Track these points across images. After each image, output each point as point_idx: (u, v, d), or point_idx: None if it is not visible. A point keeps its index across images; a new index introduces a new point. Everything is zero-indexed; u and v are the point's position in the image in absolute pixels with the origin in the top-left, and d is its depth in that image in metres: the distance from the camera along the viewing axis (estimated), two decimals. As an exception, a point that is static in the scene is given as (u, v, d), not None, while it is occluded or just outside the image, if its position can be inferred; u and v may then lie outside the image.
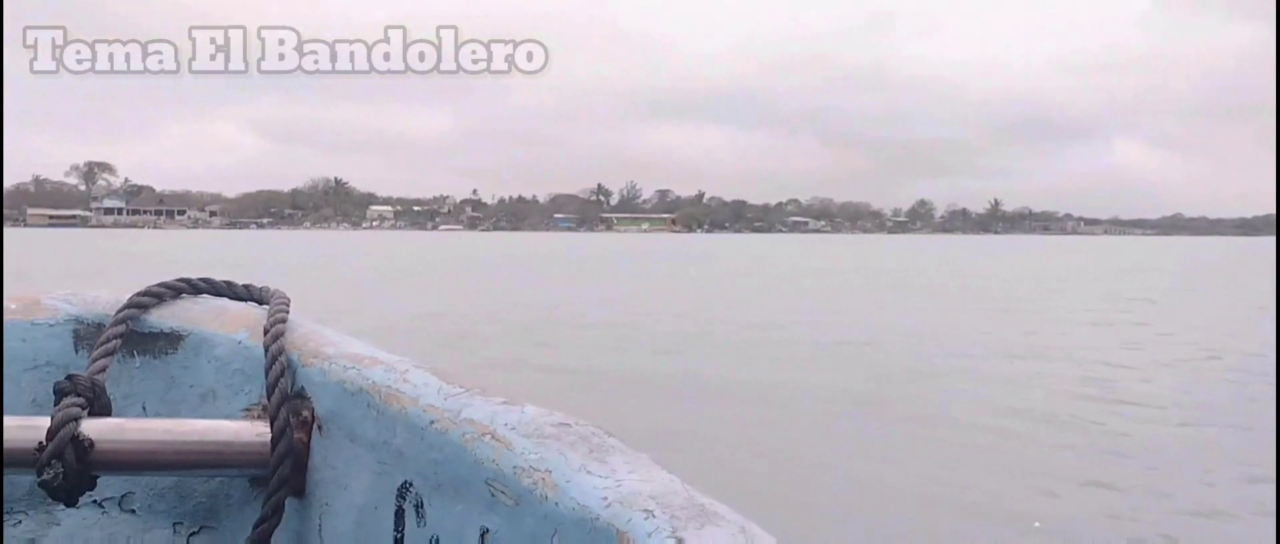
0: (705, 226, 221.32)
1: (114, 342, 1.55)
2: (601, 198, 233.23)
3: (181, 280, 1.71)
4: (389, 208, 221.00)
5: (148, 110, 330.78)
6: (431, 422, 1.20)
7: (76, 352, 1.64)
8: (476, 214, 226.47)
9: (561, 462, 1.03)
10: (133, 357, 1.62)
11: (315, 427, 1.42)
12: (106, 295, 1.71)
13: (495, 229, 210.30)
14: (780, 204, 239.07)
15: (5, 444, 1.35)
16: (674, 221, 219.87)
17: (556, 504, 0.99)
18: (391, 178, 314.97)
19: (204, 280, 1.72)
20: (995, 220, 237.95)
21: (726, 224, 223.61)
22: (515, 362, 11.84)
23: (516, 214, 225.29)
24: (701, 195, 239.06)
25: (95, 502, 1.60)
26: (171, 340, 1.62)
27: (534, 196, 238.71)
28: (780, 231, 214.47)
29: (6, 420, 1.39)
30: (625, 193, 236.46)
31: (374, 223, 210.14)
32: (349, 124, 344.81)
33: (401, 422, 1.25)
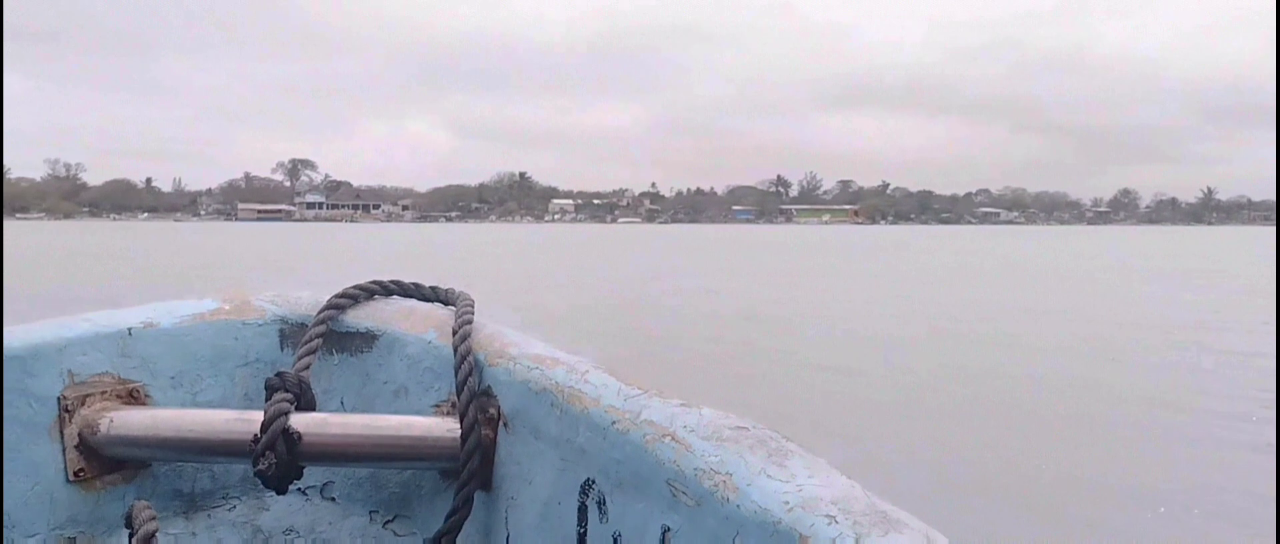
0: (889, 218, 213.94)
1: (316, 341, 1.66)
2: (781, 189, 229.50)
3: (374, 282, 1.79)
4: (570, 201, 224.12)
5: (349, 109, 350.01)
6: (613, 422, 1.24)
7: (282, 349, 1.76)
8: (655, 207, 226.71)
9: (741, 464, 1.04)
10: (332, 354, 1.73)
11: (501, 423, 1.48)
12: (308, 296, 1.82)
13: (673, 221, 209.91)
14: (969, 194, 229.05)
15: (223, 436, 1.52)
16: (856, 213, 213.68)
17: (738, 507, 1.00)
18: (573, 171, 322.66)
19: (395, 282, 1.80)
20: (1208, 210, 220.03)
21: (911, 215, 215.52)
22: (688, 359, 10.91)
23: (695, 206, 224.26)
24: (885, 186, 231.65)
25: (299, 489, 1.70)
26: (367, 339, 1.71)
27: (712, 188, 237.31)
28: (969, 223, 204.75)
29: (224, 414, 1.56)
30: (805, 184, 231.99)
31: (555, 216, 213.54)
32: (534, 119, 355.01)
33: (583, 421, 1.29)
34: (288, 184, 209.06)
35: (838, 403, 8.60)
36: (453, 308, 1.69)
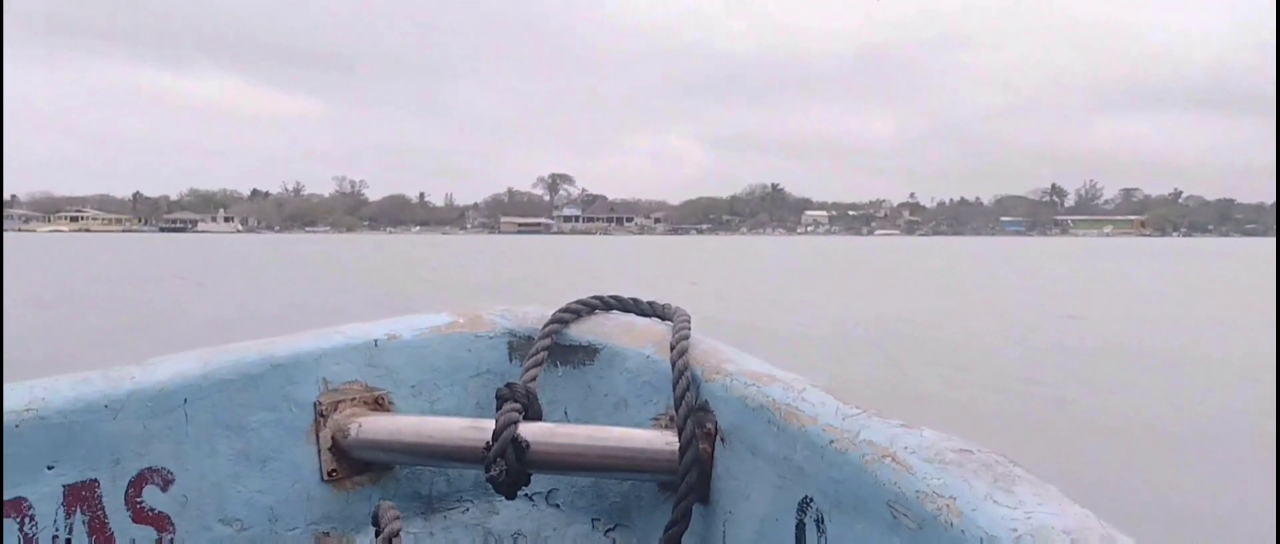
0: (1181, 229, 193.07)
1: (542, 353, 1.74)
2: (1055, 198, 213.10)
3: (595, 298, 1.87)
4: (824, 213, 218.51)
5: (614, 126, 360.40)
6: (831, 440, 1.22)
7: (511, 360, 1.84)
8: (914, 218, 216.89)
9: (965, 489, 1.01)
10: (556, 366, 1.80)
11: (718, 438, 1.50)
12: (534, 310, 1.90)
13: (934, 233, 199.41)
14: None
15: (458, 442, 1.62)
16: (1143, 224, 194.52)
17: (962, 532, 0.97)
18: (828, 182, 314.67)
19: (614, 298, 1.87)
20: None
21: (1208, 226, 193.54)
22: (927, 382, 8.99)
23: (958, 218, 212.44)
24: (1177, 194, 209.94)
25: (527, 495, 1.76)
26: (588, 353, 1.78)
27: (977, 199, 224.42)
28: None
29: (459, 422, 1.67)
30: (1083, 193, 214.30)
31: (808, 228, 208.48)
32: (791, 131, 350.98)
33: (801, 439, 1.29)
34: (547, 198, 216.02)
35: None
36: (670, 323, 1.72)
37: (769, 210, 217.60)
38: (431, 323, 1.84)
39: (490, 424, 1.56)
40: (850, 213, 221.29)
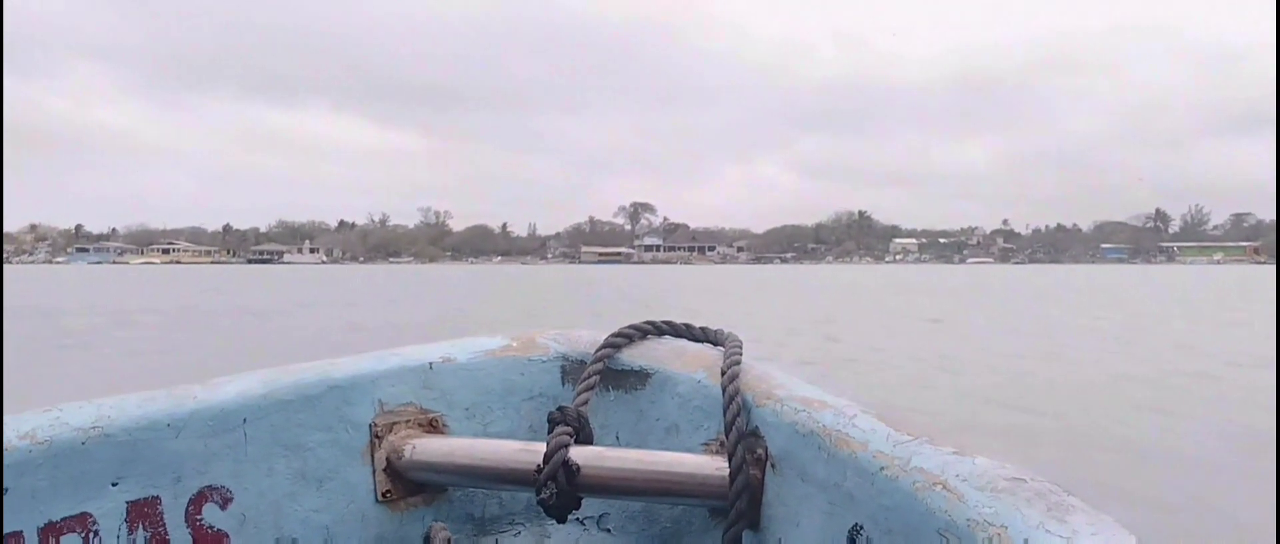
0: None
1: (594, 377, 1.74)
2: (1159, 224, 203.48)
3: (648, 323, 1.87)
4: (913, 240, 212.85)
5: (701, 156, 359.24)
6: (881, 467, 1.22)
7: (563, 384, 1.86)
8: (1009, 245, 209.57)
9: (1017, 518, 1.00)
10: (608, 391, 1.80)
11: (769, 464, 1.49)
12: (587, 335, 1.92)
13: (1031, 261, 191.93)
14: None
15: (511, 465, 1.62)
16: (1256, 250, 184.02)
17: None
18: (918, 210, 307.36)
19: (666, 323, 1.87)
20: None
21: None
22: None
23: (1055, 245, 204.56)
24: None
25: (578, 519, 1.77)
26: (640, 377, 1.77)
27: (1075, 225, 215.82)
28: None
29: (511, 444, 1.67)
30: (1189, 218, 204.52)
31: (897, 256, 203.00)
32: (882, 159, 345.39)
33: (851, 465, 1.27)
34: (628, 227, 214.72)
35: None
36: (722, 348, 1.72)
37: (856, 238, 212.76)
38: (485, 346, 1.86)
39: (542, 447, 1.56)
40: (941, 240, 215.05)
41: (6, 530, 1.34)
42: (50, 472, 1.38)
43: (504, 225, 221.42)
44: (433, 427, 1.75)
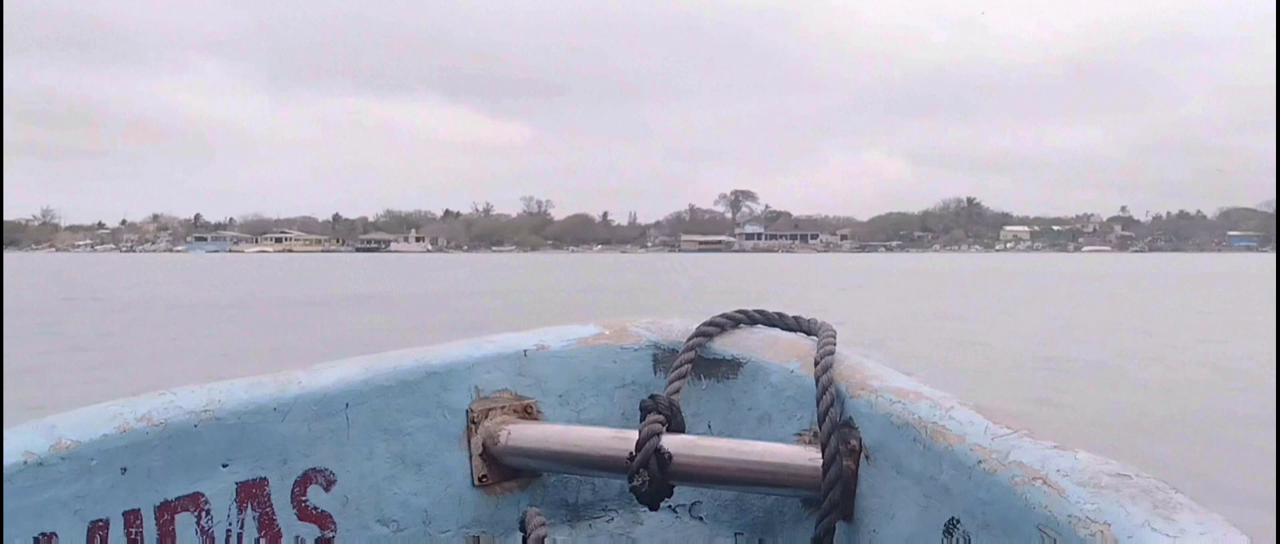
0: None
1: (686, 366, 1.75)
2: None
3: (740, 312, 1.87)
4: (1025, 228, 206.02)
5: (806, 143, 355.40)
6: (979, 460, 1.20)
7: (655, 372, 1.87)
8: (1127, 233, 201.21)
9: (1121, 515, 0.98)
10: (700, 379, 1.80)
11: (863, 455, 1.48)
12: (679, 323, 1.92)
13: (1151, 249, 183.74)
14: None
15: (603, 452, 1.65)
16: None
17: None
18: (1030, 196, 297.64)
19: (759, 312, 1.87)
20: None
21: None
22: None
23: (1178, 232, 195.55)
24: None
25: (670, 507, 1.78)
26: (732, 367, 1.77)
27: (1199, 212, 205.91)
28: None
29: (604, 432, 1.70)
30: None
31: (1007, 244, 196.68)
32: (993, 144, 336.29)
33: (948, 458, 1.26)
34: (729, 215, 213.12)
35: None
36: (815, 338, 1.71)
37: (964, 226, 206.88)
38: (578, 334, 1.87)
39: (634, 435, 1.58)
40: (1054, 228, 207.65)
41: (125, 508, 1.40)
42: (165, 452, 1.44)
43: (604, 214, 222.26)
44: (527, 413, 1.78)
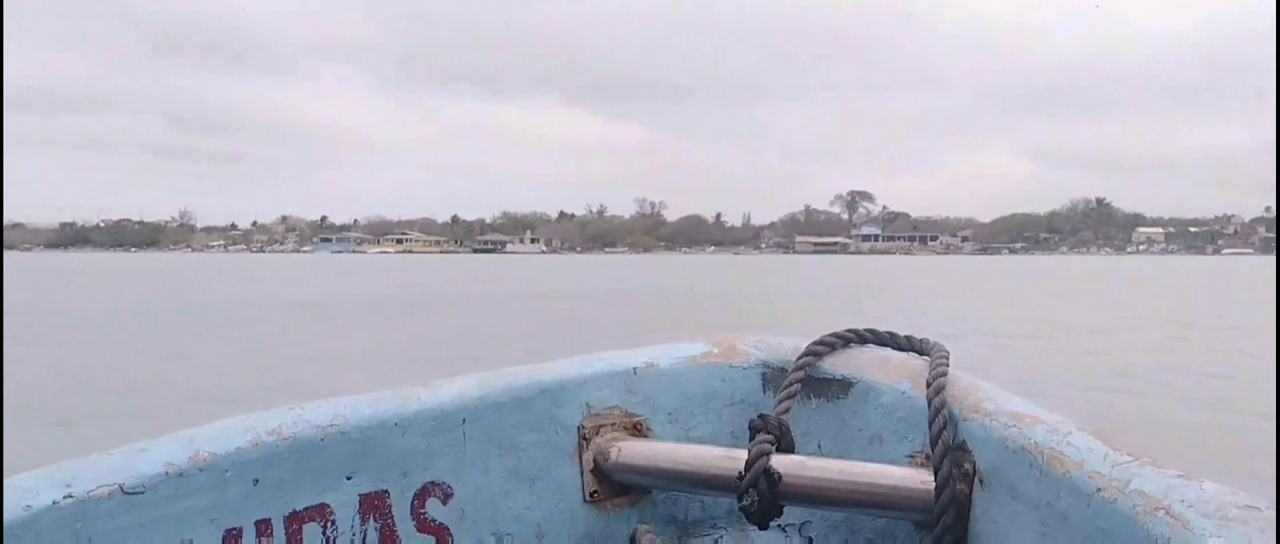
0: None
1: (795, 386, 1.74)
2: None
3: (850, 331, 1.85)
4: (1159, 229, 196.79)
5: (925, 142, 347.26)
6: (1098, 488, 1.17)
7: (764, 391, 1.86)
8: (1271, 235, 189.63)
9: None
10: (809, 399, 1.79)
11: (977, 480, 1.45)
12: (788, 342, 1.91)
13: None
14: None
15: (712, 470, 1.66)
16: None
17: None
18: (1163, 197, 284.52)
19: (870, 331, 1.85)
20: None
21: None
22: None
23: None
24: None
25: (779, 527, 1.75)
26: (842, 386, 1.76)
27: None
28: None
29: (712, 450, 1.71)
30: None
31: (1140, 246, 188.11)
32: (1124, 142, 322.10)
33: (1066, 485, 1.23)
34: (845, 217, 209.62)
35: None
36: (927, 358, 1.69)
37: (1093, 227, 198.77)
38: (687, 352, 1.89)
39: (743, 454, 1.58)
40: (1191, 229, 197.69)
41: (257, 518, 1.46)
42: (293, 465, 1.49)
43: (717, 215, 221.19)
44: (637, 430, 1.80)
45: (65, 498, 1.29)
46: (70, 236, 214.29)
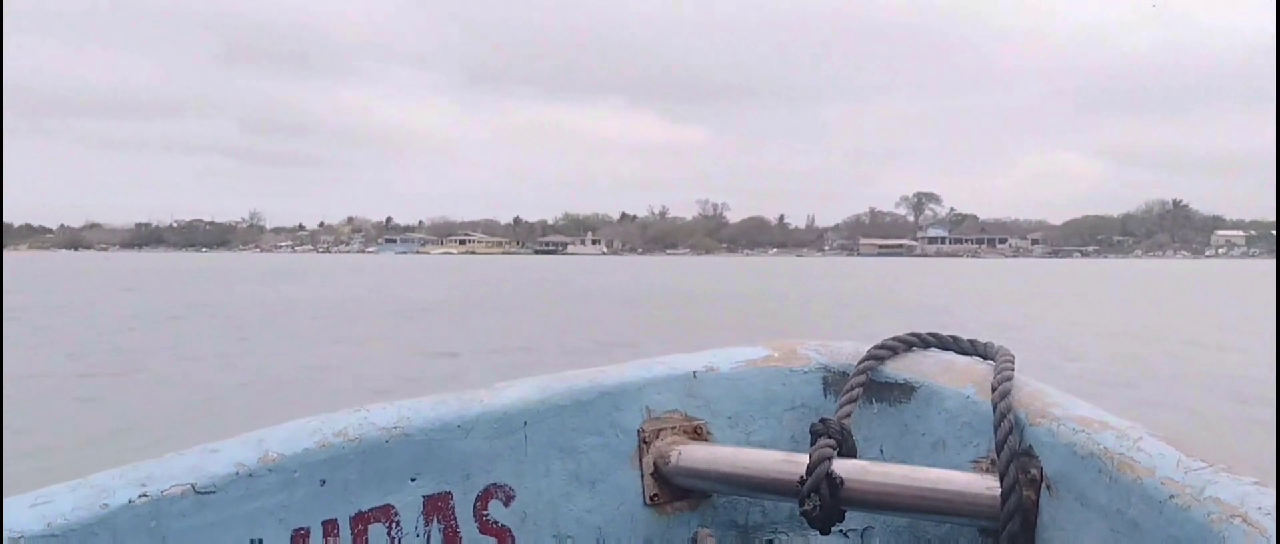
0: None
1: (857, 390, 1.72)
2: None
3: (913, 335, 1.84)
4: (1239, 232, 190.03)
5: (994, 143, 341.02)
6: (1170, 496, 1.15)
7: (825, 396, 1.85)
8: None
9: None
10: (871, 403, 1.78)
11: (1044, 486, 1.43)
12: (849, 346, 1.90)
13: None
14: None
15: (773, 475, 1.65)
16: None
17: None
18: (1243, 199, 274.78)
19: (933, 335, 1.84)
20: None
21: None
22: None
23: None
24: None
25: (841, 532, 1.76)
26: (905, 391, 1.75)
27: None
28: None
29: (773, 454, 1.71)
30: None
31: (1219, 250, 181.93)
32: (1205, 142, 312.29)
33: (1137, 492, 1.21)
34: (911, 219, 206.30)
35: None
36: (992, 362, 1.67)
37: (1169, 230, 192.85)
38: (747, 356, 1.88)
39: (804, 458, 1.58)
40: (1273, 232, 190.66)
41: (324, 518, 1.48)
42: (360, 466, 1.51)
43: (780, 217, 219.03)
44: (697, 434, 1.79)
45: (140, 497, 1.32)
46: (144, 237, 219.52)
